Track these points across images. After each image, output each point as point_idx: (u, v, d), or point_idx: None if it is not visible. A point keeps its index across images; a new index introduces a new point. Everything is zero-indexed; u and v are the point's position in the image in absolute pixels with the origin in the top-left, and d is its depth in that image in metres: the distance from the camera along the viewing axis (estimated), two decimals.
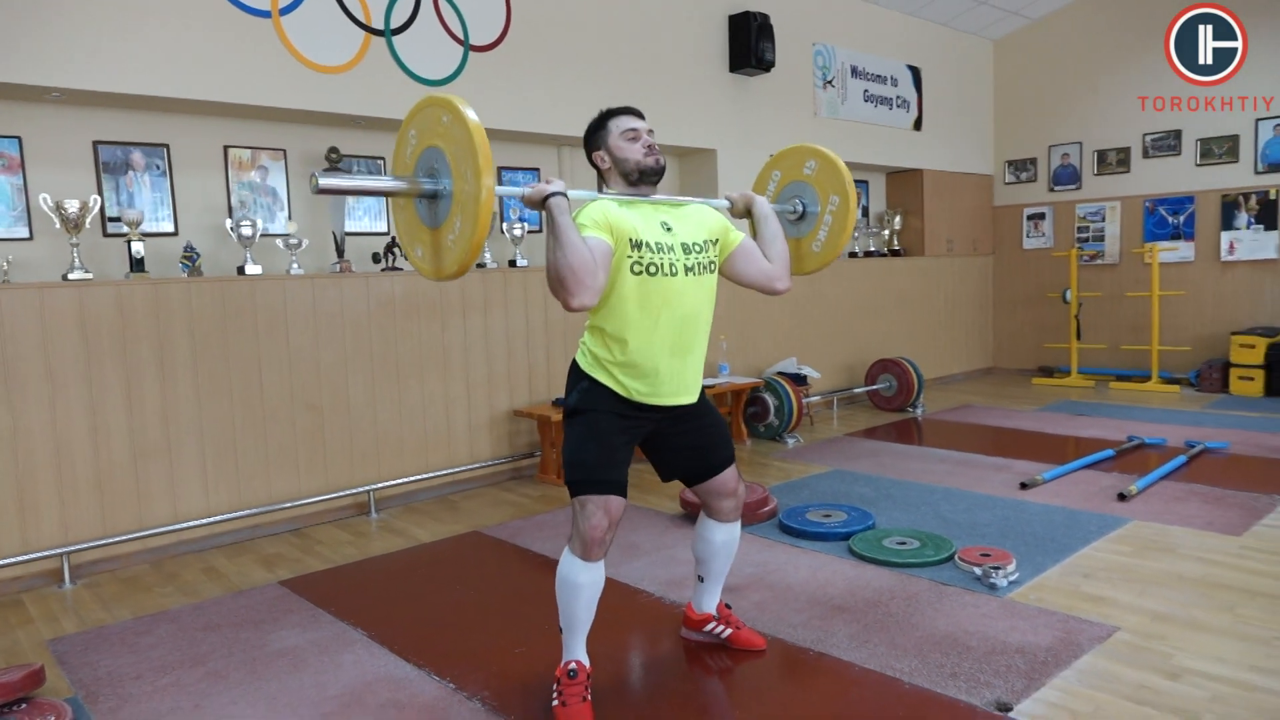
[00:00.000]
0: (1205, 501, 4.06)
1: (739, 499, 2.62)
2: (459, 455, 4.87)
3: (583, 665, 2.38)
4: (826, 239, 2.80)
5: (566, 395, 2.43)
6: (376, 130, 4.82)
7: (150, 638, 3.04)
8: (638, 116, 2.44)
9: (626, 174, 2.40)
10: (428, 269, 2.25)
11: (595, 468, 2.30)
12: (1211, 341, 7.48)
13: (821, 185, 2.83)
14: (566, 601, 2.35)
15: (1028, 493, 4.34)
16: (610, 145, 2.40)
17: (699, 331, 2.40)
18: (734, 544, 2.67)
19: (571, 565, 2.32)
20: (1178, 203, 7.62)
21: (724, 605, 2.77)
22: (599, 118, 2.46)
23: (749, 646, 2.71)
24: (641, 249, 2.28)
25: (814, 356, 6.87)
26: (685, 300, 2.34)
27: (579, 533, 2.29)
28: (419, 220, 2.23)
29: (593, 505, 2.28)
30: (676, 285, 2.32)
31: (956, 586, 3.16)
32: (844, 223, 2.77)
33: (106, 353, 3.75)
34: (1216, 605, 2.90)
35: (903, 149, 7.72)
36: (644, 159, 2.38)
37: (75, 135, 3.96)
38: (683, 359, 2.38)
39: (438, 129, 2.11)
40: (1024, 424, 6.17)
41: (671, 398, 2.38)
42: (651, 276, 2.28)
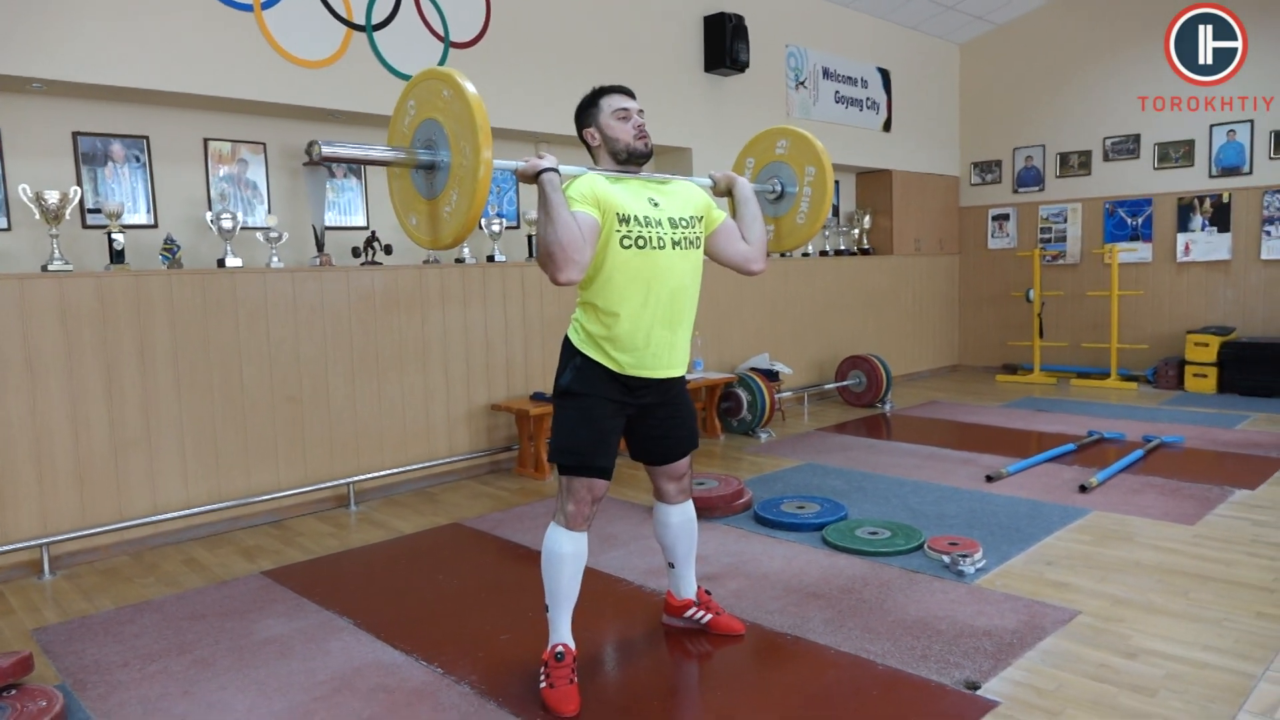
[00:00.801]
0: (1161, 493, 4.23)
1: (684, 485, 2.71)
2: (438, 448, 4.91)
3: (569, 648, 2.45)
4: (809, 210, 2.91)
5: (559, 373, 2.50)
6: (357, 124, 4.84)
7: (134, 627, 3.06)
8: (629, 96, 2.50)
9: (615, 153, 2.46)
10: (424, 238, 2.31)
11: (586, 454, 2.40)
12: (1168, 340, 7.73)
13: (796, 161, 2.94)
14: (553, 573, 2.44)
15: (993, 485, 4.48)
16: (601, 123, 2.46)
17: (688, 304, 2.49)
18: (691, 525, 2.75)
19: (557, 536, 2.43)
20: (1136, 205, 7.86)
21: (703, 591, 2.86)
22: (591, 94, 2.50)
23: (728, 631, 2.80)
24: (630, 223, 2.35)
25: (786, 353, 6.99)
26: (674, 273, 2.42)
27: (564, 508, 2.43)
28: (415, 190, 2.29)
29: (580, 486, 2.42)
30: (665, 259, 2.40)
31: (926, 574, 3.28)
32: (823, 191, 2.88)
33: (87, 344, 3.75)
34: (1172, 590, 3.05)
35: (872, 150, 7.87)
36: (634, 141, 2.45)
37: (55, 126, 3.95)
38: (673, 331, 2.46)
39: (437, 102, 2.17)
40: (989, 419, 6.35)
41: (663, 370, 2.47)
42: (641, 250, 2.36)
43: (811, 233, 2.93)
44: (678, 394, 2.61)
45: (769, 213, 2.99)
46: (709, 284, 6.23)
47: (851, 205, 8.34)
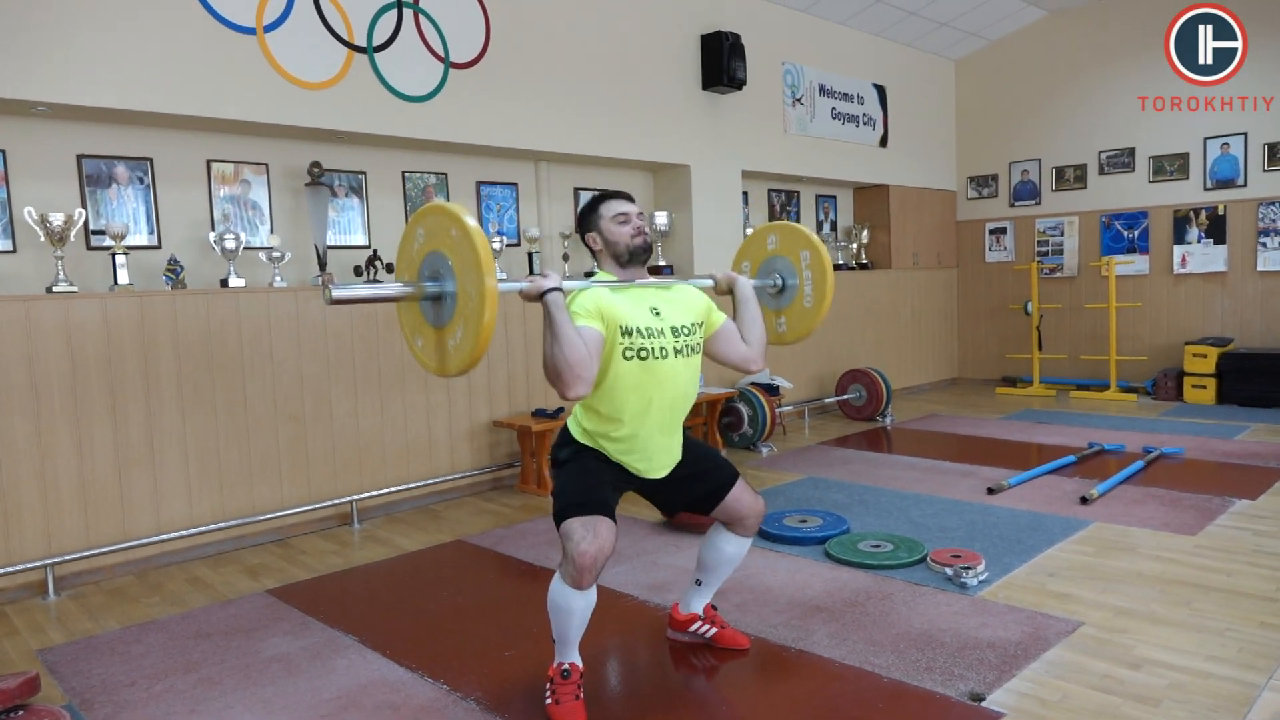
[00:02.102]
0: (1162, 504, 4.24)
1: (760, 514, 2.68)
2: (440, 465, 4.93)
3: (576, 666, 2.46)
4: (814, 293, 2.91)
5: (558, 449, 2.53)
6: (358, 145, 4.89)
7: (140, 646, 3.07)
8: (628, 200, 2.54)
9: (617, 256, 2.50)
10: (431, 364, 2.29)
11: (580, 490, 2.38)
12: (1166, 351, 7.76)
13: (790, 251, 2.95)
14: (559, 622, 2.41)
15: (994, 497, 4.50)
16: (602, 228, 2.50)
17: (686, 409, 2.54)
18: (739, 558, 2.77)
19: (564, 593, 2.34)
20: (1132, 218, 7.91)
21: (710, 606, 2.87)
22: (591, 201, 2.55)
23: (733, 646, 2.81)
24: (633, 335, 2.38)
25: (786, 367, 7.01)
26: (676, 381, 2.45)
27: (569, 560, 2.29)
28: (421, 316, 2.27)
29: (580, 529, 2.29)
30: (667, 368, 2.42)
31: (929, 586, 3.29)
32: (823, 271, 2.87)
33: (91, 365, 3.77)
34: (1174, 600, 3.06)
35: (869, 165, 7.93)
36: (632, 240, 2.48)
37: (59, 149, 3.98)
38: (670, 436, 2.51)
39: (444, 238, 2.15)
40: (989, 432, 6.36)
41: (658, 471, 2.52)
42: (644, 361, 2.39)
43: (820, 314, 2.90)
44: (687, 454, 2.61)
45: (774, 306, 3.00)
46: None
47: (849, 220, 8.39)
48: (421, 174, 5.23)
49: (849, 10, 7.31)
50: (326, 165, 4.75)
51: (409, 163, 5.17)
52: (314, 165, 4.61)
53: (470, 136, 5.04)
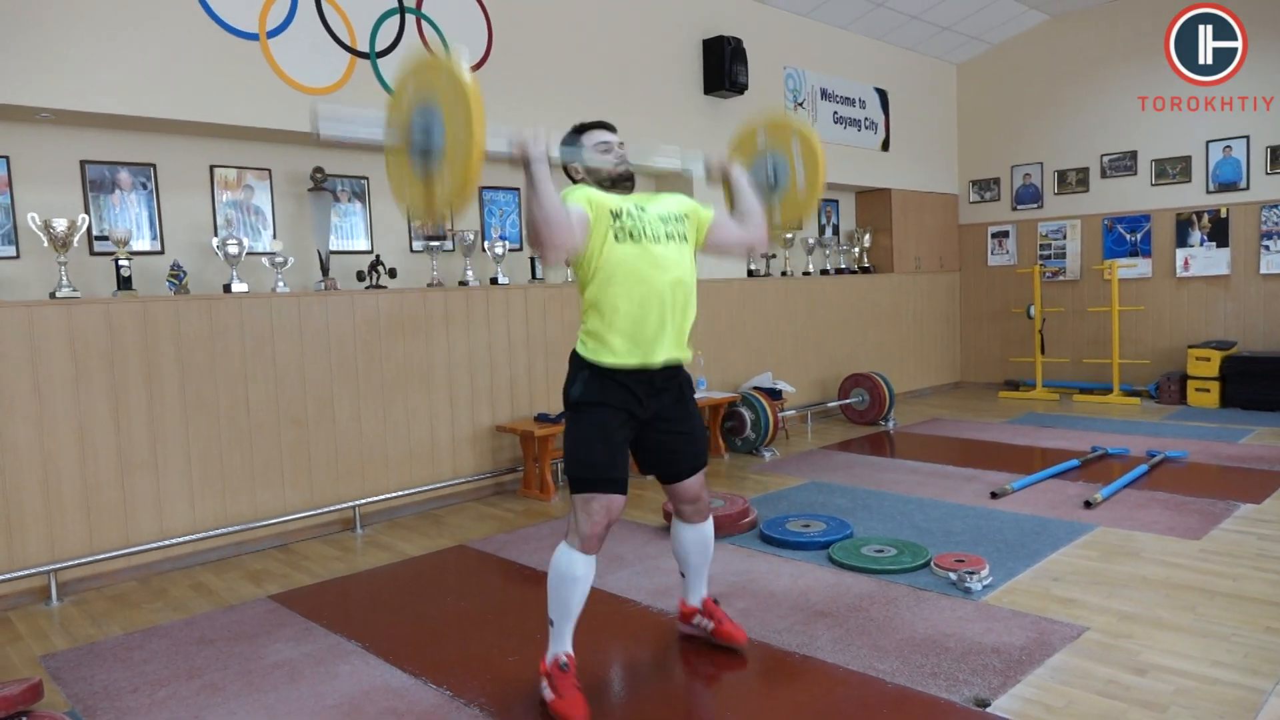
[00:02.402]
0: (1166, 508, 4.23)
1: (700, 505, 2.76)
2: (443, 470, 4.92)
3: (571, 657, 2.49)
4: (806, 177, 2.96)
5: (569, 385, 2.56)
6: (361, 151, 4.89)
7: (143, 652, 3.07)
8: (609, 130, 2.64)
9: (600, 183, 2.57)
10: (417, 214, 2.40)
11: (602, 467, 2.44)
12: (1169, 355, 7.75)
13: (780, 143, 3.00)
14: (561, 593, 2.45)
15: (998, 502, 4.49)
16: (585, 158, 2.57)
17: (689, 296, 2.55)
18: (705, 542, 2.81)
19: (570, 558, 2.44)
20: (1135, 221, 7.90)
21: (710, 600, 2.89)
22: (572, 132, 2.64)
23: (730, 640, 2.82)
24: (622, 216, 2.47)
25: (789, 371, 7.01)
26: (670, 264, 2.50)
27: (579, 528, 2.43)
28: (410, 170, 2.33)
29: (597, 504, 2.42)
30: (660, 249, 2.49)
31: (933, 591, 3.28)
32: (814, 156, 2.92)
33: (94, 370, 3.77)
34: (1179, 605, 3.05)
35: (871, 169, 7.93)
36: (614, 168, 2.57)
37: (63, 155, 3.99)
38: (674, 322, 2.52)
39: (435, 87, 2.22)
40: (992, 436, 6.35)
41: (666, 354, 2.51)
42: (635, 242, 2.45)
43: (814, 197, 2.96)
44: (690, 411, 2.67)
45: (770, 201, 3.04)
46: (711, 303, 6.30)
47: (852, 224, 8.39)
48: None
49: (851, 14, 7.32)
50: (329, 170, 4.76)
51: None
52: (317, 170, 4.61)
53: None
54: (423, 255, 5.17)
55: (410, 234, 5.19)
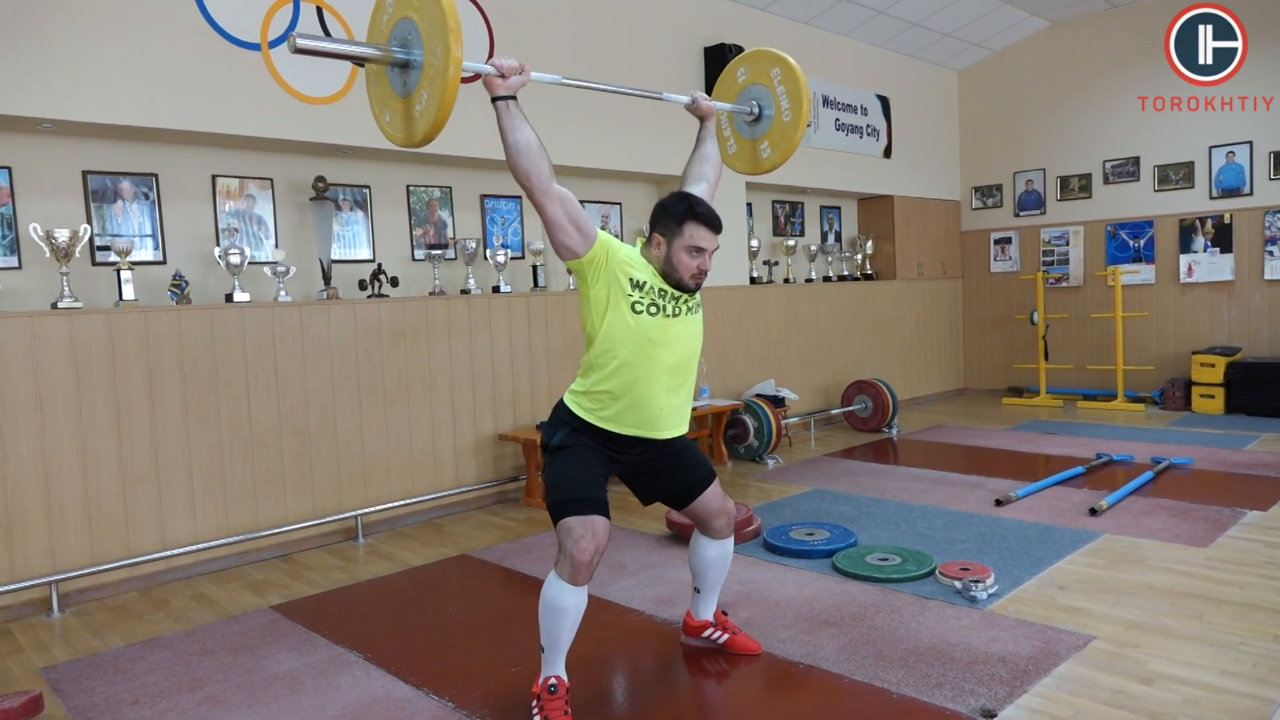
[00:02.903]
0: (1172, 515, 4.21)
1: (729, 516, 2.73)
2: (445, 479, 4.91)
3: (562, 680, 2.45)
4: (790, 106, 2.98)
5: (550, 435, 2.52)
6: (363, 159, 4.90)
7: (144, 664, 3.05)
8: (713, 232, 2.45)
9: (666, 274, 2.46)
10: (397, 135, 2.38)
11: (578, 486, 2.39)
12: (1174, 361, 7.72)
13: (760, 76, 3.04)
14: (551, 624, 2.40)
15: (1002, 509, 4.47)
16: (674, 246, 2.43)
17: (692, 368, 2.54)
18: (727, 558, 2.79)
19: (559, 589, 2.36)
20: (1138, 227, 7.89)
21: (720, 612, 2.88)
22: (684, 207, 2.44)
23: (744, 651, 2.82)
24: (643, 289, 2.41)
25: (791, 379, 7.00)
26: (683, 339, 2.47)
27: (567, 556, 2.33)
28: (390, 88, 2.36)
29: (579, 527, 2.34)
30: (676, 325, 2.45)
31: (938, 600, 3.26)
32: (795, 82, 2.95)
33: (96, 380, 3.76)
34: (1186, 613, 3.02)
35: (873, 176, 7.93)
36: (687, 279, 2.45)
37: (65, 165, 4.00)
38: (678, 394, 2.50)
39: (413, 2, 2.22)
40: (996, 443, 6.33)
41: (666, 431, 2.50)
42: (652, 317, 2.40)
43: (800, 125, 2.96)
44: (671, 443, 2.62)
45: (753, 134, 3.10)
46: (713, 311, 6.28)
47: (854, 231, 8.38)
48: (426, 187, 5.23)
49: (851, 22, 7.32)
50: (331, 179, 4.76)
51: (413, 176, 5.17)
52: (318, 180, 4.61)
53: (474, 150, 5.03)
54: (424, 264, 5.17)
55: (412, 243, 5.19)
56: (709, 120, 2.88)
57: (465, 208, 5.42)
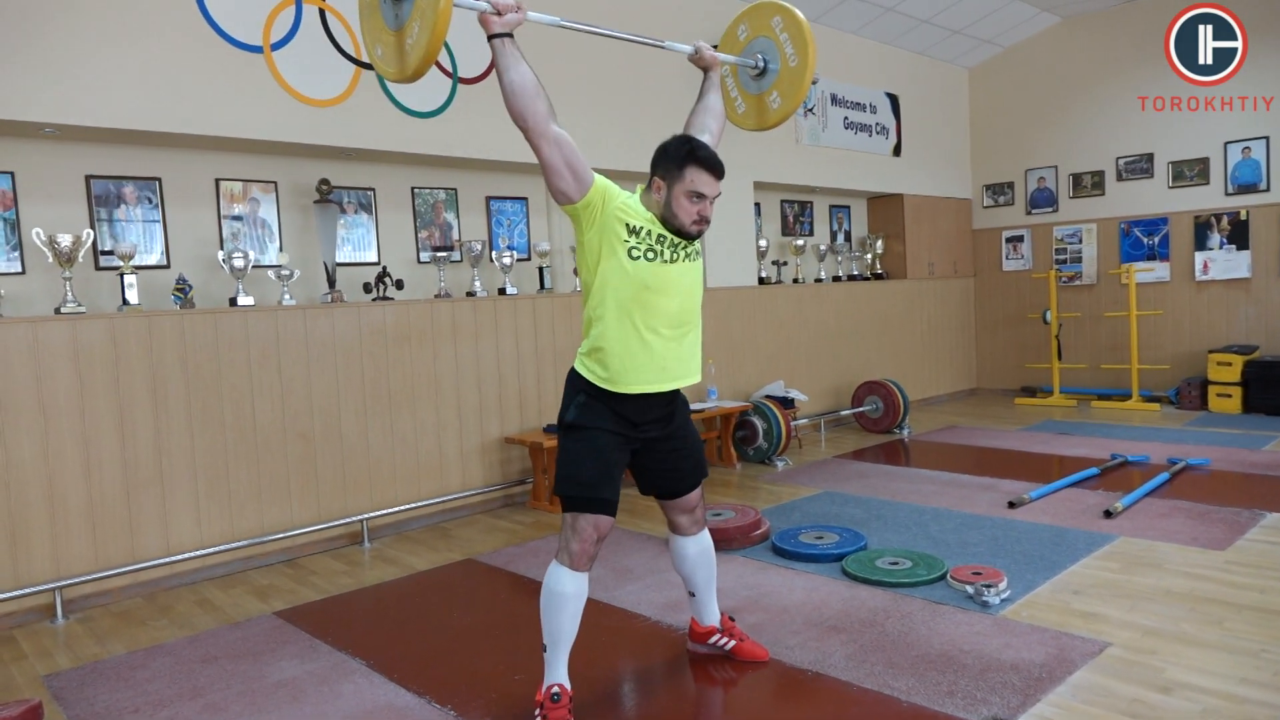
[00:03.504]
0: (1189, 517, 4.13)
1: (697, 515, 2.71)
2: (451, 483, 4.88)
3: (565, 688, 2.42)
4: (795, 49, 2.95)
5: (564, 408, 2.49)
6: (367, 161, 4.87)
7: (146, 671, 3.03)
8: (716, 178, 2.39)
9: (666, 219, 2.40)
10: (390, 70, 2.40)
11: (591, 486, 2.38)
12: (1190, 360, 7.62)
13: (761, 28, 3.03)
14: (553, 613, 2.40)
15: (1015, 511, 4.40)
16: (674, 191, 2.37)
17: (694, 317, 2.50)
18: (708, 555, 2.75)
19: (559, 576, 2.39)
20: (1152, 224, 7.79)
21: (727, 618, 2.83)
22: (685, 152, 2.37)
23: (752, 658, 2.77)
24: (639, 234, 2.37)
25: (801, 380, 6.94)
26: (683, 284, 2.44)
27: (568, 546, 2.39)
28: (382, 21, 2.38)
29: (585, 522, 2.38)
30: (675, 271, 2.41)
31: (949, 605, 3.20)
32: (798, 26, 2.92)
33: (99, 385, 3.75)
34: (1205, 619, 2.95)
35: (883, 174, 7.86)
36: (689, 225, 2.39)
37: (68, 170, 3.99)
38: (681, 344, 2.46)
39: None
40: (1009, 444, 6.25)
41: (672, 381, 2.45)
42: (649, 263, 2.37)
43: (808, 70, 2.92)
44: (683, 425, 2.62)
45: (759, 88, 3.09)
46: (722, 312, 6.24)
47: (864, 230, 8.32)
48: (431, 189, 5.21)
49: (860, 19, 7.26)
50: (336, 182, 4.74)
51: (418, 178, 5.15)
52: (322, 182, 4.59)
53: (479, 151, 5.01)
54: (430, 266, 5.14)
55: (418, 245, 5.16)
56: (713, 71, 2.89)
57: (471, 209, 5.39)
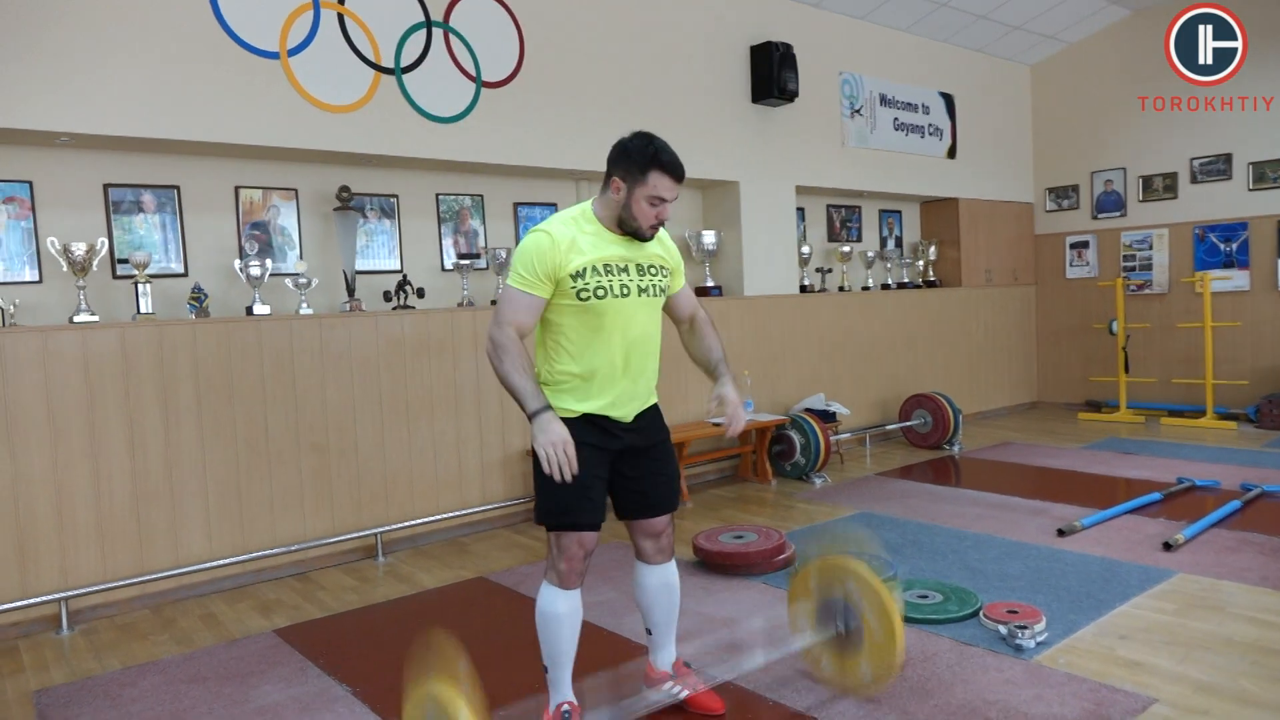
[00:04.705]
0: (1261, 552, 3.76)
1: (662, 545, 2.53)
2: (470, 496, 4.76)
3: (575, 705, 2.34)
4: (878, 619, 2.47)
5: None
6: (390, 168, 4.80)
7: (134, 690, 2.96)
8: (676, 181, 2.28)
9: (622, 222, 2.32)
10: None
11: (568, 512, 2.29)
12: (1272, 375, 7.08)
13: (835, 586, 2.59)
14: (550, 635, 2.35)
15: (1065, 540, 4.07)
16: (634, 194, 2.26)
17: (650, 354, 2.41)
18: (670, 589, 2.55)
19: (551, 596, 2.34)
20: (1230, 229, 7.27)
21: (682, 663, 2.62)
22: (648, 156, 2.24)
23: (706, 711, 2.55)
24: (586, 276, 2.26)
25: (845, 392, 6.65)
26: (636, 322, 2.34)
27: (555, 565, 2.33)
28: None
29: (568, 540, 2.31)
30: (629, 307, 2.32)
31: (979, 647, 2.93)
32: (877, 595, 2.45)
33: (109, 396, 3.72)
34: (1269, 675, 2.63)
35: (936, 178, 7.51)
36: (645, 229, 2.31)
37: (85, 178, 3.99)
38: (634, 381, 2.38)
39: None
40: (1066, 463, 5.87)
41: (627, 412, 2.38)
42: (600, 300, 2.27)
43: (894, 642, 2.42)
44: (661, 445, 2.49)
45: (853, 657, 2.55)
46: (761, 321, 6.00)
47: (916, 236, 7.97)
48: (456, 196, 5.11)
49: (911, 16, 6.95)
50: (358, 189, 4.67)
51: (443, 184, 5.05)
52: (343, 190, 4.52)
53: (505, 157, 4.90)
54: (454, 274, 5.04)
55: (442, 252, 5.06)
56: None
57: (498, 216, 5.28)
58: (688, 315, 2.61)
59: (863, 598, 2.53)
